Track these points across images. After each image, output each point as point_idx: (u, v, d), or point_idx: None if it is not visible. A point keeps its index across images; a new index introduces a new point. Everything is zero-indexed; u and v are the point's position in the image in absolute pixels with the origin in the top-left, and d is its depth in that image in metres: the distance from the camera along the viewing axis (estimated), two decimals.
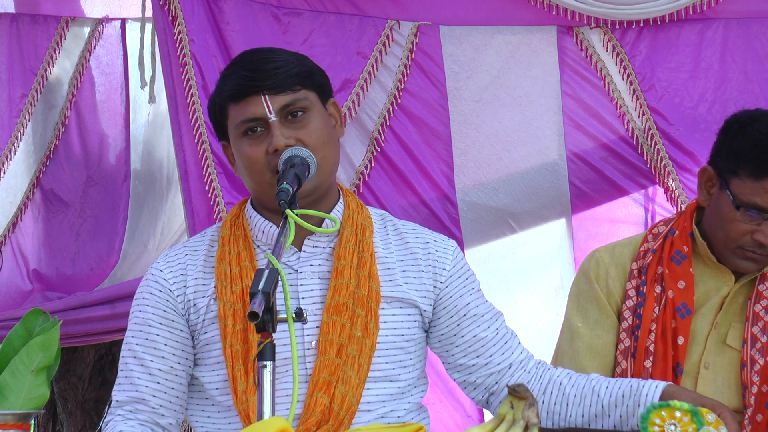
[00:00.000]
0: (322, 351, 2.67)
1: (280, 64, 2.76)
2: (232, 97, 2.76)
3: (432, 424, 2.92)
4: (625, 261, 3.33)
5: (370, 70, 4.06)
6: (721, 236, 3.21)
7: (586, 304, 3.34)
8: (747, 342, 3.22)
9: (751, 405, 3.18)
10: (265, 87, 2.72)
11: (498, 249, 4.12)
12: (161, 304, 2.77)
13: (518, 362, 2.84)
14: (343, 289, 2.71)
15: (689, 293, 3.24)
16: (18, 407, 2.78)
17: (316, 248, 2.78)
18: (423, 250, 2.85)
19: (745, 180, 3.13)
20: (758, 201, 3.12)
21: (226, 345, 2.68)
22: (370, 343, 2.70)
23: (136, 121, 4.81)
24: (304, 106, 2.74)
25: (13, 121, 4.71)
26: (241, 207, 2.86)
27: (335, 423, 2.64)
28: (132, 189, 4.79)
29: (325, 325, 2.68)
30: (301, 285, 2.74)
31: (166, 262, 2.81)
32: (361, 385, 2.68)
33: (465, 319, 2.83)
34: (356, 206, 2.85)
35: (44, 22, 4.74)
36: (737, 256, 3.20)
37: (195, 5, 3.98)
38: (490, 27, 4.06)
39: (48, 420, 5.15)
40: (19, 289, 4.75)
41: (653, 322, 3.23)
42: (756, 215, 3.13)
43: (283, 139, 2.69)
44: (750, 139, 3.15)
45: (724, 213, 3.18)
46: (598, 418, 2.76)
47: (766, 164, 3.10)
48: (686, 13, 3.98)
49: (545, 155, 4.06)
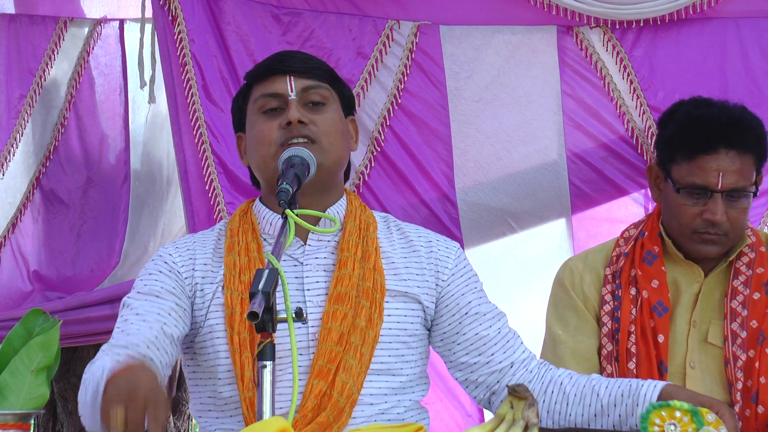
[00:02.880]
0: (322, 339, 2.68)
1: (314, 59, 2.89)
2: (259, 76, 2.84)
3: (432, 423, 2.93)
4: (599, 267, 3.38)
5: (371, 70, 4.06)
6: (675, 225, 3.27)
7: (565, 311, 3.36)
8: (728, 339, 3.25)
9: (738, 401, 3.21)
10: (292, 70, 2.81)
11: (498, 249, 4.13)
12: (169, 281, 2.77)
13: (520, 361, 2.85)
14: (346, 280, 2.73)
15: (664, 291, 3.28)
16: (18, 407, 2.79)
17: (321, 242, 2.80)
18: (426, 248, 2.87)
19: (681, 164, 3.23)
20: (696, 180, 3.20)
21: (233, 333, 2.69)
22: (373, 334, 2.72)
23: (135, 121, 4.81)
24: (324, 95, 2.82)
25: (12, 122, 4.70)
26: (249, 204, 2.90)
27: (334, 411, 2.64)
28: (132, 190, 4.79)
29: (326, 315, 2.70)
30: (306, 277, 2.76)
31: (174, 248, 2.84)
32: (362, 374, 2.69)
33: (467, 317, 2.84)
34: (359, 205, 2.88)
35: (42, 22, 4.74)
36: (695, 242, 3.24)
37: (195, 5, 3.99)
38: (490, 27, 4.06)
39: (48, 420, 5.15)
40: (19, 289, 4.75)
41: (632, 323, 3.27)
42: (698, 195, 3.21)
43: (297, 114, 2.74)
44: (677, 123, 3.28)
45: (671, 201, 3.26)
46: (597, 418, 2.76)
47: (694, 144, 3.21)
48: (686, 13, 3.98)
49: (545, 155, 4.06)
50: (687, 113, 3.30)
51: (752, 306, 3.26)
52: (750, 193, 3.24)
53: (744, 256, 3.30)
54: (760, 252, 3.31)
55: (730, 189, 3.20)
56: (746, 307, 3.25)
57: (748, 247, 3.30)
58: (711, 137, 3.21)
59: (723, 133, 3.21)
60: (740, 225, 3.25)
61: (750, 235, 3.33)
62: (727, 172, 3.19)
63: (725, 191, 3.19)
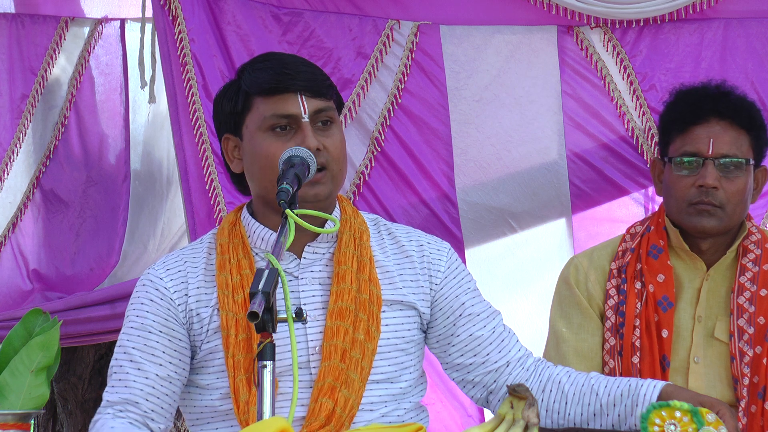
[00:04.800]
0: (327, 356, 2.67)
1: (315, 70, 2.80)
2: (266, 90, 2.74)
3: (432, 424, 2.93)
4: (604, 263, 3.39)
5: (371, 70, 4.06)
6: (673, 203, 3.31)
7: (569, 309, 3.37)
8: (734, 335, 3.27)
9: (744, 397, 3.22)
10: (302, 88, 2.73)
11: (498, 249, 4.13)
12: (162, 311, 2.74)
13: (516, 360, 2.84)
14: (345, 294, 2.72)
15: (669, 286, 3.30)
16: (18, 407, 2.78)
17: (316, 254, 2.78)
18: (418, 252, 2.86)
19: (676, 140, 3.31)
20: (688, 148, 3.27)
21: (228, 355, 2.67)
22: (372, 347, 2.71)
23: (135, 121, 4.81)
24: (332, 116, 2.77)
25: (15, 121, 4.70)
26: (237, 214, 2.84)
27: (337, 424, 2.65)
28: (132, 189, 4.79)
29: (329, 330, 2.69)
30: (302, 291, 2.74)
31: (165, 270, 2.78)
32: (362, 387, 2.69)
33: (461, 318, 2.84)
34: (352, 211, 2.85)
35: (44, 22, 4.74)
36: (691, 214, 3.27)
37: (195, 5, 3.99)
38: (491, 27, 4.06)
39: (48, 420, 5.15)
40: (19, 289, 4.75)
41: (636, 317, 3.28)
42: (692, 163, 3.26)
43: (315, 141, 2.69)
44: (671, 105, 3.39)
45: (669, 179, 3.31)
46: (596, 417, 2.76)
47: (686, 116, 3.29)
48: (686, 13, 3.98)
49: (545, 155, 4.06)
50: (678, 92, 3.41)
51: (759, 302, 3.28)
52: (744, 166, 3.27)
53: (750, 253, 3.31)
54: (766, 249, 3.32)
55: (721, 155, 3.25)
56: (753, 303, 3.28)
57: (754, 244, 3.32)
58: (702, 107, 3.28)
59: (712, 101, 3.29)
60: (737, 201, 3.27)
61: (755, 231, 3.34)
62: (717, 139, 3.25)
63: (716, 158, 3.24)
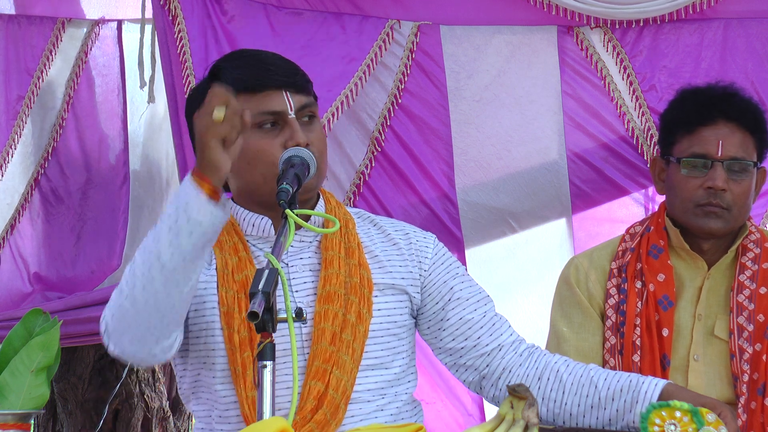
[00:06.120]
0: (316, 340, 2.70)
1: (293, 65, 2.82)
2: (248, 87, 2.74)
3: (433, 423, 2.94)
4: (604, 263, 3.40)
5: (367, 70, 4.05)
6: (678, 204, 3.30)
7: (570, 309, 3.38)
8: (734, 333, 3.28)
9: (743, 394, 3.23)
10: (286, 84, 2.76)
11: (498, 249, 4.13)
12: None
13: (509, 344, 2.85)
14: (333, 279, 2.74)
15: (670, 285, 3.31)
16: (18, 407, 2.79)
17: (303, 242, 2.81)
18: (405, 240, 2.89)
19: (682, 141, 3.29)
20: (696, 150, 3.27)
21: (233, 331, 2.68)
22: (363, 329, 2.74)
23: (134, 122, 4.80)
24: (314, 111, 2.81)
25: (11, 123, 4.69)
26: None
27: (330, 407, 2.65)
28: (131, 190, 4.78)
29: (318, 315, 2.71)
30: (293, 278, 2.77)
31: None
32: (355, 369, 2.71)
33: (450, 302, 2.86)
34: (336, 203, 2.89)
35: (40, 23, 4.72)
36: (699, 216, 3.27)
37: (195, 5, 3.99)
38: (491, 27, 4.06)
39: (48, 420, 5.14)
40: (20, 291, 4.74)
41: (637, 316, 3.30)
42: (699, 164, 3.26)
43: (304, 137, 2.72)
44: (675, 104, 3.39)
45: (674, 179, 3.31)
46: (593, 410, 2.75)
47: (693, 117, 3.29)
48: (686, 13, 3.98)
49: (545, 155, 4.06)
50: (684, 92, 3.41)
51: (759, 300, 3.29)
52: (750, 168, 3.28)
53: (749, 252, 3.33)
54: (765, 248, 3.33)
55: (730, 158, 3.25)
56: (753, 301, 3.29)
57: (753, 243, 3.33)
58: (710, 108, 3.28)
59: (720, 103, 3.29)
60: (743, 203, 3.28)
61: (754, 231, 3.35)
62: (726, 142, 3.25)
63: (726, 160, 3.25)
